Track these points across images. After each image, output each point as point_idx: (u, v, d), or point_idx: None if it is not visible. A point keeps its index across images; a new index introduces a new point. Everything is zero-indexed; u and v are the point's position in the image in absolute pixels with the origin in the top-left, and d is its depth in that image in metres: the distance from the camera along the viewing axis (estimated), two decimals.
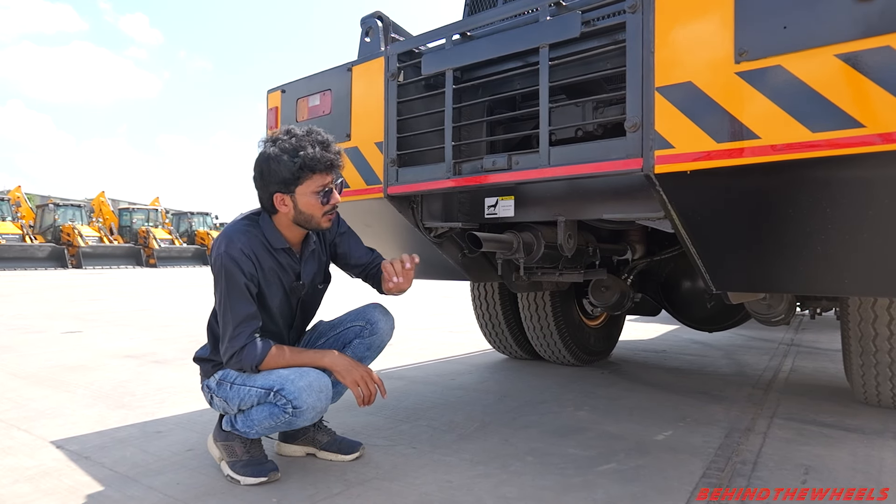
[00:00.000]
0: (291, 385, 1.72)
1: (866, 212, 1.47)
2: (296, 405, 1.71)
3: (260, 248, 1.83)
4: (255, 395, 1.77)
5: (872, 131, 1.32)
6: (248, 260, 1.78)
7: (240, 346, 1.75)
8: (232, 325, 1.75)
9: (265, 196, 1.83)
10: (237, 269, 1.76)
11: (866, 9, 1.32)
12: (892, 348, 2.48)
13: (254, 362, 1.76)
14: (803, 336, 5.08)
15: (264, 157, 1.79)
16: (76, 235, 22.87)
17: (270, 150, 1.78)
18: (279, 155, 1.76)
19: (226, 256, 1.76)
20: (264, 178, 1.80)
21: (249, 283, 1.78)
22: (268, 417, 1.77)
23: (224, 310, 1.77)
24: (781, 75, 1.42)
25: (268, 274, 1.85)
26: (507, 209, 2.20)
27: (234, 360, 1.77)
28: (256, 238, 1.84)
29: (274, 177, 1.78)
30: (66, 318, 6.35)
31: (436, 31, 2.15)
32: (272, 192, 1.80)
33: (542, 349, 3.72)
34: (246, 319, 1.76)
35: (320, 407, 1.77)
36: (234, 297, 1.76)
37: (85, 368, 3.59)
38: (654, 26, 1.58)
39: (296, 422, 1.77)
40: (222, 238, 1.82)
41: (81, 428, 2.37)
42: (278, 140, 1.80)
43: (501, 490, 1.78)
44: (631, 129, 1.61)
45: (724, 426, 2.44)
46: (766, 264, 1.73)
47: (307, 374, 1.75)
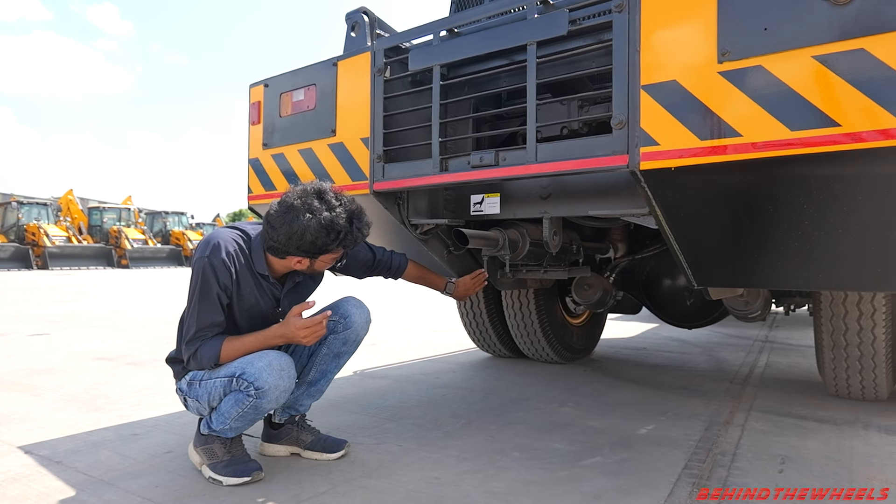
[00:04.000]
0: (251, 367, 1.73)
1: (841, 209, 1.52)
2: (258, 386, 1.72)
3: (243, 266, 1.82)
4: (220, 385, 1.78)
5: (846, 130, 1.37)
6: (226, 271, 1.77)
7: (195, 348, 1.77)
8: (194, 329, 1.76)
9: (281, 248, 1.78)
10: (213, 277, 1.75)
11: (842, 12, 1.37)
12: (862, 342, 2.57)
13: (211, 359, 1.77)
14: (777, 333, 5.21)
15: (301, 228, 1.71)
16: (42, 235, 22.22)
17: (307, 219, 1.72)
18: (318, 231, 1.72)
19: (206, 262, 1.76)
20: (292, 241, 1.74)
21: (222, 293, 1.78)
22: (234, 405, 1.76)
23: (191, 313, 1.78)
24: (762, 75, 1.46)
25: (244, 293, 1.84)
26: (492, 206, 2.21)
27: (193, 361, 1.79)
28: (243, 254, 1.83)
29: (304, 245, 1.75)
30: (32, 319, 6.16)
31: (423, 27, 2.15)
32: (292, 253, 1.79)
33: (525, 347, 3.75)
34: (209, 327, 1.77)
35: (283, 385, 1.77)
36: (203, 304, 1.76)
37: (54, 371, 3.49)
38: (639, 26, 1.61)
39: (261, 404, 1.76)
40: (208, 242, 1.80)
41: (52, 432, 2.30)
42: (313, 208, 1.73)
43: (489, 485, 1.79)
44: (617, 127, 1.64)
45: (703, 419, 2.49)
46: (746, 260, 1.78)
47: (266, 356, 1.77)
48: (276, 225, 1.75)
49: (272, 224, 1.77)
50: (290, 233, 1.73)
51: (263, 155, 2.69)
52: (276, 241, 1.77)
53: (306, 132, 2.50)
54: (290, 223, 1.73)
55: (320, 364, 2.02)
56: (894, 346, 2.62)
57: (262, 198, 2.72)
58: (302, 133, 2.52)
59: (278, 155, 2.63)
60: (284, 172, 2.61)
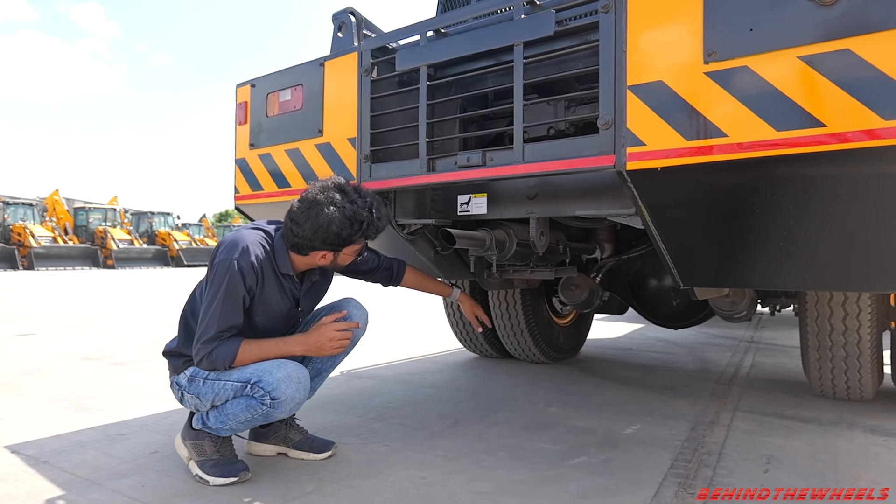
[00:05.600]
0: (269, 376, 1.72)
1: (826, 209, 1.53)
2: (274, 396, 1.71)
3: (268, 268, 1.83)
4: (230, 388, 1.75)
5: (831, 131, 1.38)
6: (254, 275, 1.78)
7: (210, 349, 1.74)
8: (214, 330, 1.73)
9: (306, 244, 1.80)
10: (240, 280, 1.75)
11: (827, 13, 1.37)
12: (847, 342, 2.59)
13: (226, 362, 1.74)
14: (763, 333, 5.25)
15: (326, 221, 1.76)
16: (28, 235, 21.99)
17: (332, 212, 1.76)
18: (343, 222, 1.76)
19: (235, 264, 1.74)
20: (318, 235, 1.77)
21: (247, 296, 1.78)
22: (244, 410, 1.75)
23: (212, 311, 1.74)
24: (748, 76, 1.47)
25: (267, 295, 1.84)
26: (479, 206, 2.21)
27: (206, 361, 1.75)
28: (267, 255, 1.83)
29: (329, 238, 1.78)
30: (17, 319, 6.09)
31: (410, 28, 2.15)
32: (317, 248, 1.81)
33: (512, 347, 3.75)
34: (229, 329, 1.76)
35: (298, 398, 1.77)
36: (227, 305, 1.74)
37: (41, 371, 3.45)
38: (626, 26, 1.61)
39: (273, 413, 1.75)
40: (236, 243, 1.78)
41: (38, 432, 2.28)
42: (335, 201, 1.78)
43: (476, 485, 1.79)
44: (604, 127, 1.64)
45: (689, 419, 2.50)
46: (732, 260, 1.79)
47: (285, 366, 1.75)
48: (301, 221, 1.78)
49: (296, 221, 1.79)
50: (315, 227, 1.76)
51: (250, 155, 2.67)
52: (300, 238, 1.79)
53: (293, 132, 2.49)
54: (314, 217, 1.76)
55: (316, 362, 2.02)
56: (879, 346, 2.65)
57: (249, 198, 2.70)
58: (289, 133, 2.51)
59: (265, 155, 2.61)
60: (271, 173, 2.59)
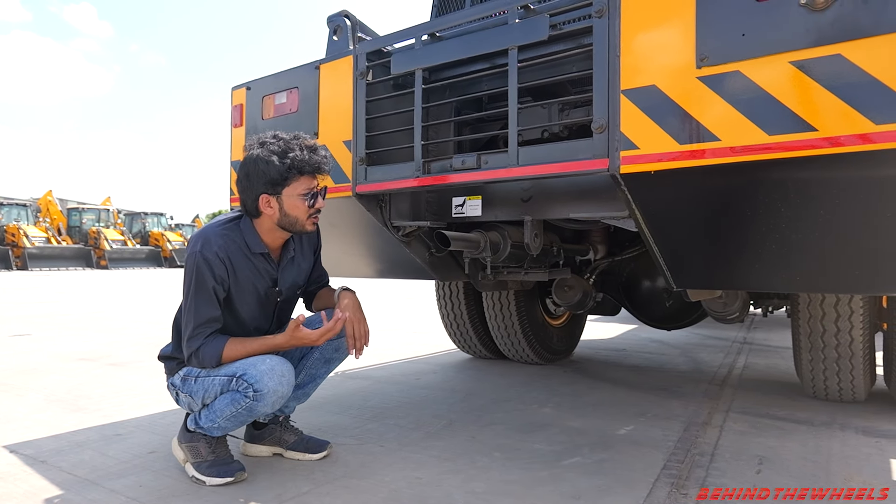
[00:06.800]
0: (253, 369, 1.73)
1: (818, 212, 1.55)
2: (256, 388, 1.72)
3: (237, 253, 1.83)
4: (218, 383, 1.77)
5: (823, 135, 1.39)
6: (221, 263, 1.78)
7: (197, 346, 1.76)
8: (192, 326, 1.76)
9: (250, 198, 1.82)
10: (208, 271, 1.76)
11: (819, 18, 1.39)
12: (839, 344, 2.61)
13: (213, 359, 1.76)
14: (755, 334, 5.28)
15: (252, 159, 1.79)
16: (21, 236, 21.90)
17: (259, 151, 1.78)
18: (268, 156, 1.77)
19: (199, 256, 1.76)
20: (251, 179, 1.79)
21: (218, 286, 1.79)
22: (229, 405, 1.76)
23: (188, 309, 1.78)
24: (740, 80, 1.48)
25: (241, 280, 1.84)
26: (474, 209, 2.22)
27: (194, 359, 1.78)
28: (234, 242, 1.83)
29: (261, 178, 1.78)
30: (12, 320, 6.07)
31: (405, 31, 2.16)
32: (258, 194, 1.80)
33: (506, 348, 3.76)
34: (207, 322, 1.77)
35: (282, 391, 1.77)
36: (200, 299, 1.76)
37: (37, 372, 3.45)
38: (619, 31, 1.62)
39: (256, 406, 1.75)
40: (199, 237, 1.81)
41: (35, 432, 2.28)
42: (266, 143, 1.80)
43: (470, 485, 1.80)
44: (597, 131, 1.66)
45: (682, 420, 2.52)
46: (725, 262, 1.80)
47: (268, 360, 1.77)
48: (241, 177, 1.82)
49: (238, 180, 1.83)
50: (247, 173, 1.80)
51: None
52: (245, 194, 1.82)
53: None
54: (246, 164, 1.80)
55: (310, 368, 2.02)
56: (871, 347, 2.67)
57: None
58: None
59: None
60: None
